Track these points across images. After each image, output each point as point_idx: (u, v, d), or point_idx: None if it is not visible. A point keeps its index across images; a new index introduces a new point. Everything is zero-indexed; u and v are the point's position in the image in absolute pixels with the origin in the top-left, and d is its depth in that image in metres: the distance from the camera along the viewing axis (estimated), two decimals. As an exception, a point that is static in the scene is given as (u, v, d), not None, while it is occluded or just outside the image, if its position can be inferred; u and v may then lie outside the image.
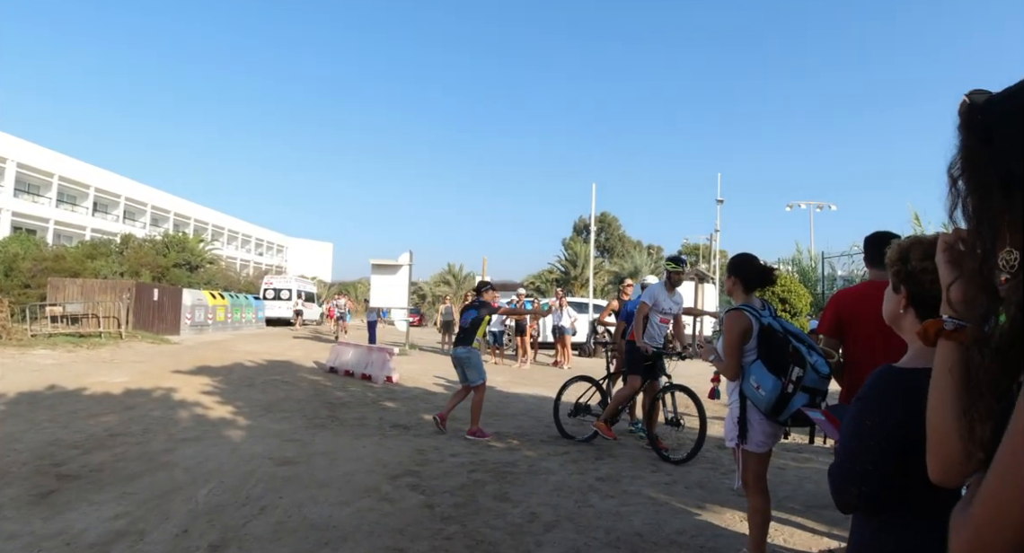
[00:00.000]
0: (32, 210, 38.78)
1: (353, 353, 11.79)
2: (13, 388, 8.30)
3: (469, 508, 4.36)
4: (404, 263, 16.61)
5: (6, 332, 13.54)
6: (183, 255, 26.55)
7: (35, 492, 4.41)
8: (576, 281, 41.60)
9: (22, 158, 37.54)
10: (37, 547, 3.49)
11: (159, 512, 4.08)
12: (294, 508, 4.22)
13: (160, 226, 46.37)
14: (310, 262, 74.31)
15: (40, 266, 18.55)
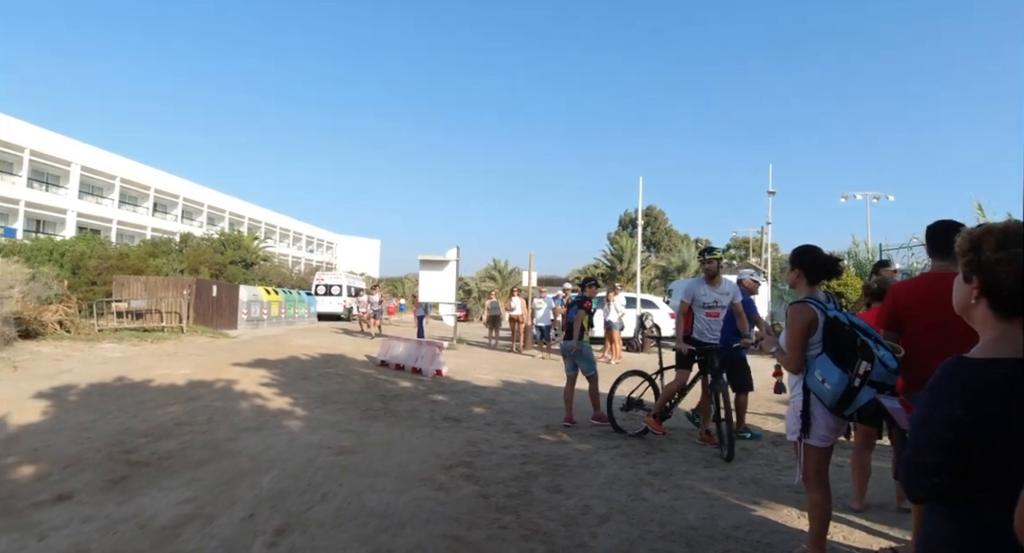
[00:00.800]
0: (96, 211, 40.59)
1: (403, 347, 12.01)
2: (84, 380, 8.76)
3: (523, 499, 4.42)
4: (451, 258, 16.80)
5: (75, 327, 14.25)
6: (239, 253, 27.43)
7: (108, 478, 4.67)
8: (623, 276, 41.27)
9: (86, 161, 39.35)
10: (113, 530, 3.69)
11: (226, 497, 4.27)
12: (353, 495, 4.36)
13: (216, 225, 48.07)
14: (358, 258, 75.71)
15: (105, 264, 19.43)
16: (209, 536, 3.60)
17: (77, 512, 3.94)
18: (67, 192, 38.69)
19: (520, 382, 10.63)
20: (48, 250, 20.10)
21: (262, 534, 3.64)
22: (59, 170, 38.57)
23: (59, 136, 37.75)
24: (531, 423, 7.17)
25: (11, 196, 34.44)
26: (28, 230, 35.00)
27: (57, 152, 37.32)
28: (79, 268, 18.84)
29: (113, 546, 3.45)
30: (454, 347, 15.89)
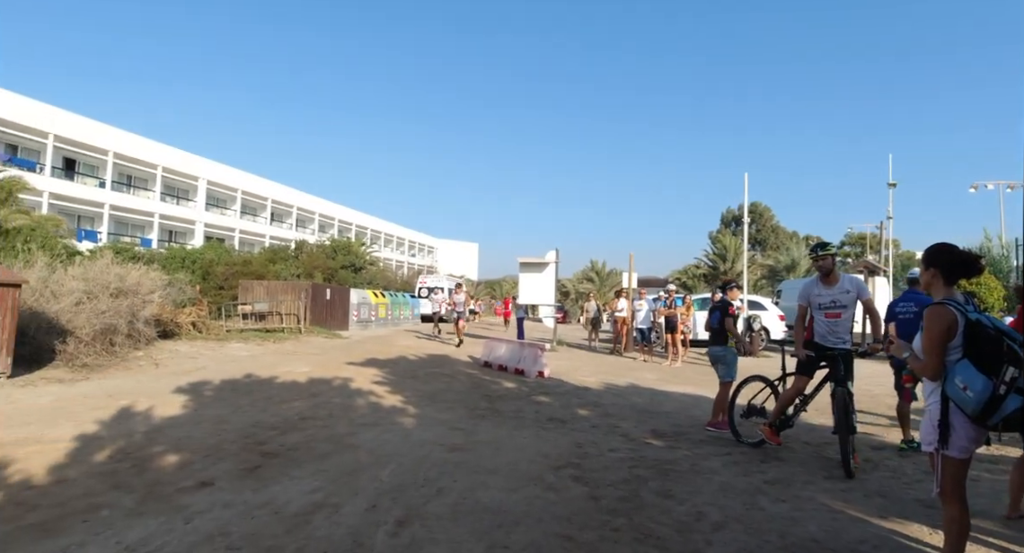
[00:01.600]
0: (220, 221, 44.16)
1: (506, 348, 12.19)
2: (217, 376, 9.50)
3: (633, 503, 4.37)
4: (551, 261, 16.86)
5: (206, 328, 15.48)
6: (348, 258, 28.85)
7: (244, 467, 5.04)
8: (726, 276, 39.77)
9: (211, 176, 43.03)
10: (251, 515, 3.98)
11: (349, 488, 4.51)
12: (467, 491, 4.47)
13: (326, 232, 50.90)
14: (458, 262, 77.62)
15: (231, 270, 21.04)
16: (336, 524, 3.81)
17: (218, 498, 4.27)
18: (195, 205, 42.40)
19: (622, 385, 10.51)
20: (181, 258, 22.02)
21: (384, 524, 3.81)
22: (188, 185, 42.38)
23: (187, 154, 41.48)
24: (637, 427, 7.07)
25: (147, 209, 38.18)
26: (162, 240, 38.63)
27: (186, 168, 41.04)
28: (208, 274, 20.50)
29: (252, 530, 3.72)
30: (555, 349, 15.94)
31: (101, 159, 35.64)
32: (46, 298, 10.12)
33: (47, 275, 10.70)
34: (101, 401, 7.25)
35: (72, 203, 33.10)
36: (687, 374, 12.48)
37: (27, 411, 6.68)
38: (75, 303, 10.20)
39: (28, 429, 5.92)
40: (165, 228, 40.22)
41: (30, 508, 3.98)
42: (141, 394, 7.74)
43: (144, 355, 10.99)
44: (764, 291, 34.69)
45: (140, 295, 11.65)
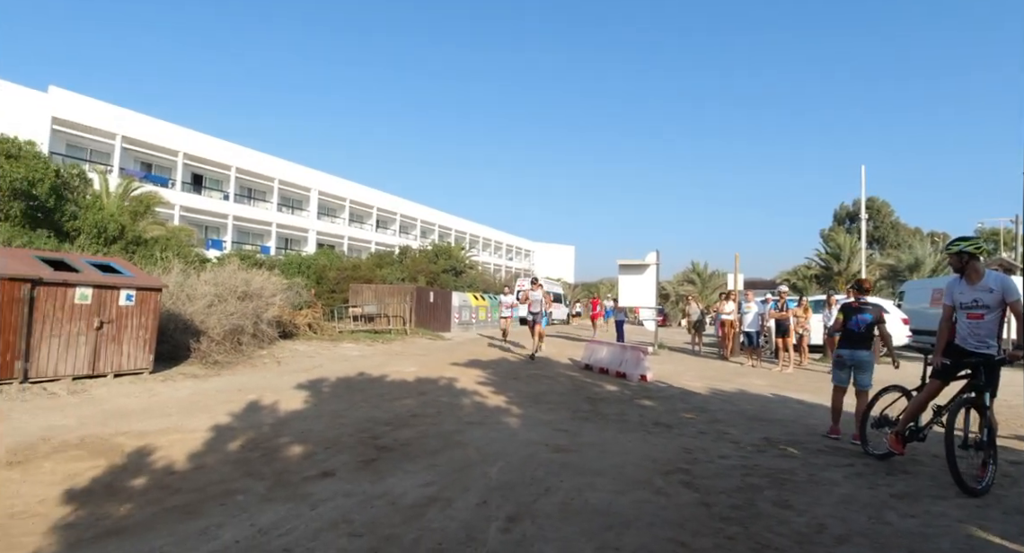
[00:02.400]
0: (330, 229, 46.68)
1: (607, 351, 12.08)
2: (333, 374, 10.03)
3: (748, 511, 4.21)
4: (651, 262, 16.55)
5: (320, 329, 16.40)
6: (449, 262, 29.64)
7: (361, 459, 5.29)
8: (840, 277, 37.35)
9: (322, 187, 45.67)
10: (370, 504, 4.18)
11: (460, 484, 4.63)
12: (575, 492, 4.48)
13: (427, 237, 52.51)
14: (554, 264, 77.79)
15: (342, 275, 22.18)
16: (450, 517, 3.93)
17: (339, 487, 4.52)
18: (308, 214, 45.09)
19: (730, 390, 10.14)
20: (297, 264, 23.44)
21: (495, 520, 3.89)
22: (301, 196, 45.17)
23: (301, 167, 44.24)
24: (747, 434, 6.80)
25: (265, 219, 41.02)
26: (279, 247, 41.29)
27: (300, 180, 43.80)
28: (321, 278, 21.70)
29: (371, 519, 3.90)
30: (657, 353, 15.62)
31: (225, 174, 38.76)
32: (182, 301, 11.09)
33: (182, 280, 11.73)
34: (232, 395, 7.86)
35: (200, 215, 36.10)
36: (799, 381, 11.85)
37: (167, 403, 7.34)
38: (207, 305, 11.12)
39: (169, 420, 6.50)
40: (282, 236, 43.02)
41: (173, 491, 4.36)
42: (266, 389, 8.32)
43: (267, 354, 11.80)
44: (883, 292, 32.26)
45: (263, 298, 12.53)
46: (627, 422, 7.21)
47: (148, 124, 33.48)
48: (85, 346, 8.09)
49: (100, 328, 8.20)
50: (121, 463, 4.98)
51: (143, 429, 6.01)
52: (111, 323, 8.32)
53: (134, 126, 32.56)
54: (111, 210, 15.19)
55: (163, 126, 34.39)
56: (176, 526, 3.72)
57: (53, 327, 7.71)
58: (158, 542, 3.47)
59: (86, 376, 8.14)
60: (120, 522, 3.75)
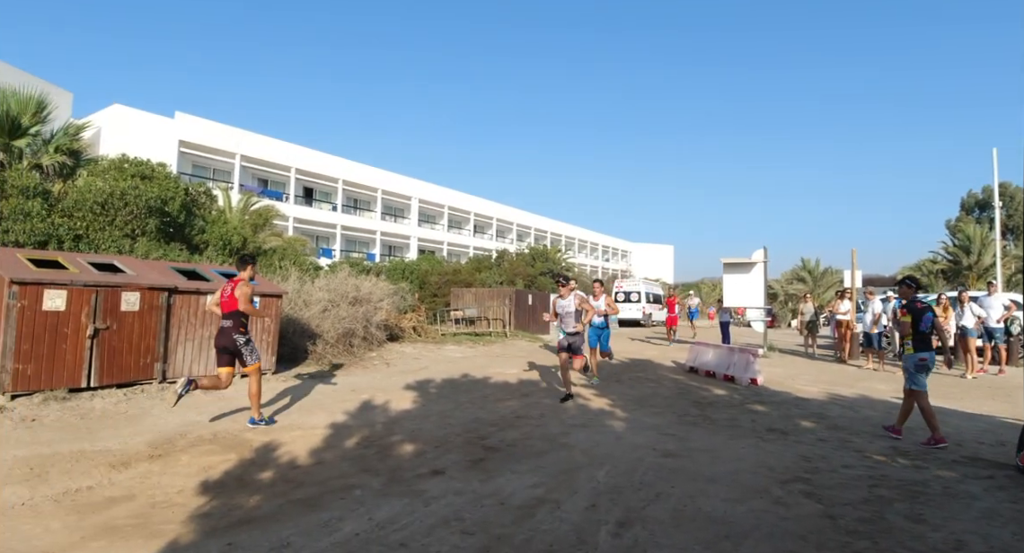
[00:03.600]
0: (430, 235, 48.16)
1: (714, 354, 11.67)
2: (438, 376, 10.31)
3: (877, 525, 3.92)
4: (758, 260, 15.81)
5: (424, 331, 16.91)
6: (546, 264, 29.74)
7: (470, 459, 5.39)
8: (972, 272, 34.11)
9: (422, 195, 47.23)
10: (480, 503, 4.24)
11: (567, 486, 4.61)
12: (687, 498, 4.34)
13: (523, 240, 52.98)
14: (653, 265, 76.15)
15: (443, 279, 22.81)
16: (559, 519, 3.92)
17: (450, 486, 4.62)
18: (409, 222, 46.78)
19: (850, 396, 9.50)
20: (401, 269, 24.32)
21: (605, 524, 3.84)
22: (403, 204, 46.93)
23: (402, 176, 45.98)
24: (873, 442, 6.35)
25: (370, 228, 42.92)
26: (383, 254, 43.06)
27: (401, 190, 45.50)
28: (424, 283, 22.39)
29: (482, 518, 3.96)
30: (767, 355, 14.91)
31: (333, 187, 40.98)
32: (299, 306, 11.79)
33: (299, 287, 12.46)
34: (346, 395, 8.25)
35: (311, 225, 38.27)
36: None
37: (289, 402, 7.80)
38: (321, 310, 11.76)
39: (291, 418, 6.90)
40: (385, 243, 44.85)
41: (297, 485, 4.62)
42: (377, 389, 8.68)
43: (377, 355, 12.31)
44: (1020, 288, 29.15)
45: (372, 303, 13.09)
46: (739, 428, 6.92)
47: (263, 143, 36.00)
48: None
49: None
50: (250, 457, 5.34)
51: (268, 426, 6.42)
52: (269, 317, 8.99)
53: (251, 145, 35.11)
54: (234, 224, 16.39)
55: (277, 144, 36.85)
56: (301, 518, 3.93)
57: (187, 331, 8.40)
58: (285, 533, 3.68)
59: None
60: (250, 513, 4.01)
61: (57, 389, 7.05)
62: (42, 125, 13.83)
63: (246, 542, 3.53)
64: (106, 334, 7.43)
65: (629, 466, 5.16)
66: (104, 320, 7.40)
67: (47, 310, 6.99)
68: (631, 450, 5.71)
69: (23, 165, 12.83)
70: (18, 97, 13.22)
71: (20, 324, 6.74)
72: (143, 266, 8.71)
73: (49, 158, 13.58)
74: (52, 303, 7.02)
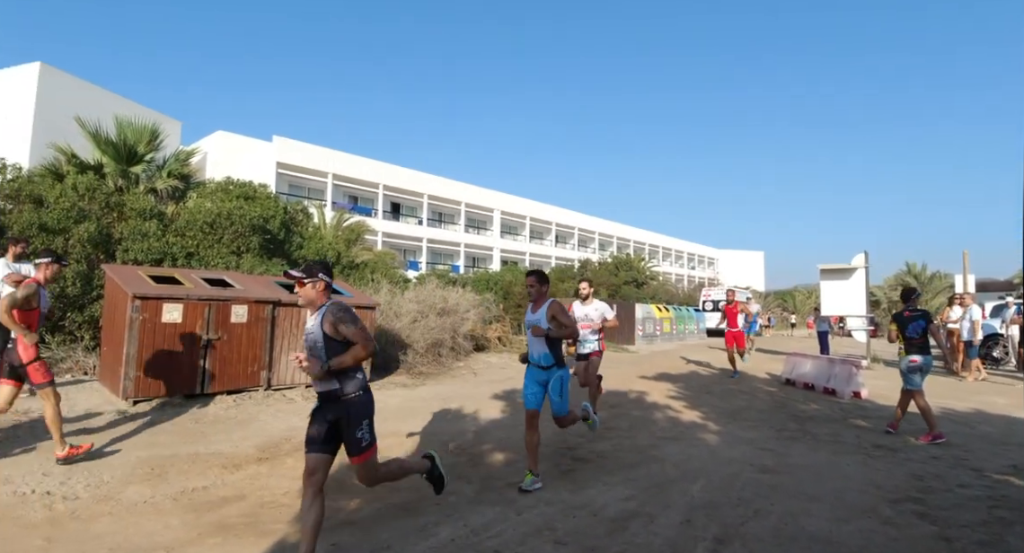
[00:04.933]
0: (512, 246, 48.65)
1: (812, 365, 11.13)
2: (525, 386, 10.37)
3: (997, 549, 3.65)
4: (859, 265, 14.96)
5: (509, 342, 17.05)
6: (630, 273, 29.40)
7: (559, 469, 5.41)
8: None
9: (504, 207, 47.86)
10: (571, 514, 4.24)
11: (660, 500, 4.54)
12: (788, 517, 4.18)
13: (605, 249, 52.56)
14: (741, 272, 73.57)
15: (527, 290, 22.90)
16: (653, 533, 3.87)
17: (541, 495, 4.65)
18: (491, 233, 47.43)
19: (964, 410, 8.83)
20: (485, 280, 24.66)
21: (702, 540, 3.75)
22: (485, 216, 47.73)
23: (483, 189, 46.82)
24: (991, 461, 5.88)
25: (454, 240, 43.89)
26: (467, 266, 43.87)
27: (483, 202, 46.30)
28: (508, 294, 22.60)
29: (574, 528, 3.96)
30: (870, 367, 14.05)
31: (418, 201, 42.28)
32: (390, 318, 12.20)
33: (390, 299, 12.90)
34: (436, 403, 8.46)
35: (399, 239, 39.56)
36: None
37: (383, 409, 8.06)
38: (411, 321, 12.12)
39: (386, 425, 7.15)
40: (469, 255, 45.69)
41: (394, 490, 4.78)
42: (466, 399, 8.85)
43: (464, 365, 12.54)
44: None
45: (459, 314, 13.37)
46: (842, 444, 6.57)
47: (353, 162, 37.70)
48: (315, 358, 9.23)
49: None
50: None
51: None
52: None
53: (341, 164, 36.86)
54: (328, 239, 17.19)
55: (365, 162, 38.47)
56: (398, 522, 4.08)
57: (290, 342, 8.88)
58: (384, 535, 3.83)
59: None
60: (351, 515, 4.19)
61: (174, 395, 7.62)
62: (155, 152, 15.03)
63: (349, 543, 3.70)
64: (217, 344, 7.98)
65: (724, 481, 5.02)
66: (216, 331, 7.95)
67: (166, 322, 7.58)
68: (726, 465, 5.55)
69: (140, 189, 13.99)
70: (134, 127, 14.45)
71: (142, 335, 7.34)
72: (249, 281, 9.29)
73: (162, 182, 14.74)
74: (170, 316, 7.62)
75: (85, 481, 4.71)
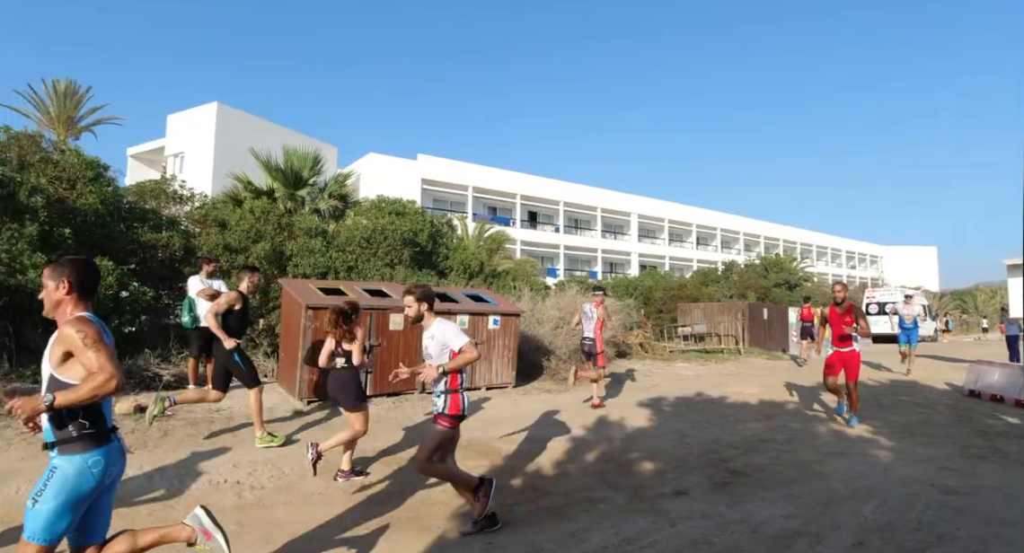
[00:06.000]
0: (651, 250, 47.58)
1: (1002, 374, 9.85)
2: (670, 393, 10.13)
3: None
4: (1058, 261, 13.03)
5: (651, 348, 16.72)
6: (781, 275, 27.66)
7: (713, 481, 5.23)
8: None
9: (641, 210, 46.96)
10: (728, 529, 4.10)
11: (828, 519, 4.26)
12: (978, 543, 3.77)
13: (752, 250, 49.85)
14: (910, 271, 66.52)
15: (668, 294, 22.38)
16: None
17: (695, 507, 4.54)
18: (629, 238, 46.80)
19: None
20: (624, 286, 24.40)
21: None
22: (622, 221, 47.15)
23: (619, 193, 46.28)
24: None
25: (591, 246, 43.82)
26: (604, 272, 43.58)
27: (619, 207, 45.80)
28: (648, 299, 22.20)
29: (733, 544, 3.83)
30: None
31: (554, 209, 42.71)
32: (532, 324, 12.44)
33: (532, 306, 13.16)
34: (581, 409, 8.51)
35: (536, 247, 40.18)
36: None
37: (529, 414, 8.26)
38: (553, 327, 12.29)
39: (534, 429, 7.30)
40: (606, 261, 45.36)
41: (543, 494, 4.89)
42: (611, 406, 8.82)
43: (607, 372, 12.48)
44: None
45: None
46: (1041, 463, 5.78)
47: (491, 174, 39.01)
48: (464, 364, 9.66)
49: (474, 349, 9.70)
50: (500, 464, 5.78)
51: (514, 436, 6.88)
52: (483, 344, 9.78)
53: (480, 177, 38.28)
54: (472, 249, 17.88)
55: (502, 174, 39.64)
56: (550, 526, 4.17)
57: (441, 349, 9.36)
58: (537, 538, 3.94)
59: (469, 388, 9.65)
60: (504, 516, 4.32)
61: (342, 397, 8.31)
62: (317, 176, 16.56)
63: (503, 543, 3.85)
64: (378, 350, 8.57)
65: (901, 502, 4.60)
66: (377, 338, 8.56)
67: (334, 330, 8.30)
68: (902, 484, 5.09)
69: (305, 210, 15.46)
70: (299, 155, 16.01)
71: (314, 342, 8.09)
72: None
73: (325, 203, 16.16)
74: (337, 325, 8.34)
75: (268, 473, 5.28)
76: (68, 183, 9.92)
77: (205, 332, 7.37)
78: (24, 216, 8.50)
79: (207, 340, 7.33)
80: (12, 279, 7.53)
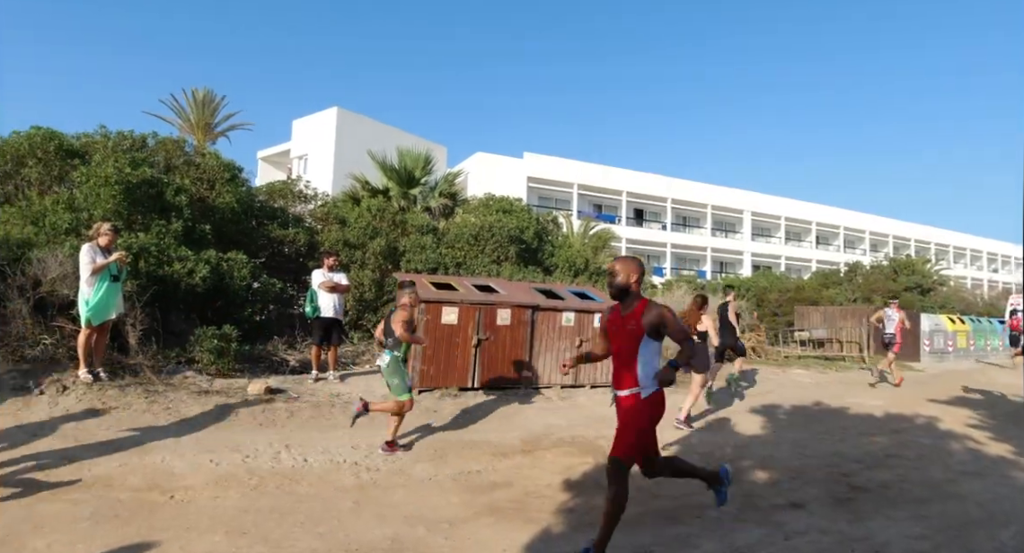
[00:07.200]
0: (765, 249, 45.41)
1: None
2: (786, 401, 9.69)
3: None
4: None
5: (765, 352, 16.01)
6: (912, 278, 25.56)
7: (833, 496, 4.98)
8: None
9: (755, 207, 44.91)
10: (849, 547, 3.90)
11: (960, 543, 3.97)
12: None
13: (879, 251, 46.29)
14: (1070, 275, 59.29)
15: (784, 297, 21.33)
16: (955, 581, 3.41)
17: (812, 522, 4.34)
18: (741, 236, 44.90)
19: None
20: (736, 286, 23.48)
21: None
22: (734, 218, 45.34)
23: (732, 190, 44.51)
24: None
25: (700, 244, 42.49)
26: (714, 271, 42.15)
27: (731, 203, 44.06)
28: (762, 301, 21.28)
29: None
30: None
31: (661, 206, 41.79)
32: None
33: (638, 305, 12.97)
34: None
35: (642, 245, 39.53)
36: None
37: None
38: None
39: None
40: (716, 260, 43.81)
41: (653, 496, 4.85)
42: (721, 411, 8.58)
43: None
44: None
45: (709, 321, 12.95)
46: None
47: (595, 171, 38.79)
48: (570, 361, 9.72)
49: (580, 346, 9.72)
50: (604, 462, 5.78)
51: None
52: (587, 342, 9.80)
53: (585, 175, 38.18)
54: (576, 247, 17.89)
55: (608, 170, 39.28)
56: (659, 528, 4.14)
57: (547, 344, 9.47)
58: (646, 540, 3.93)
59: (570, 386, 9.70)
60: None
61: (450, 387, 8.60)
62: (428, 176, 17.24)
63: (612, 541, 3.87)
64: (486, 344, 8.83)
65: (1047, 530, 4.20)
66: (484, 332, 8.81)
67: (444, 323, 8.62)
68: (1050, 511, 4.63)
69: (417, 208, 16.12)
70: (411, 155, 16.73)
71: (426, 334, 8.44)
72: (511, 287, 10.12)
73: (435, 201, 16.79)
74: (448, 318, 8.64)
75: (383, 456, 5.59)
76: (208, 184, 10.93)
77: (325, 322, 8.24)
78: (171, 213, 9.47)
79: (328, 329, 8.25)
80: (160, 270, 8.35)
